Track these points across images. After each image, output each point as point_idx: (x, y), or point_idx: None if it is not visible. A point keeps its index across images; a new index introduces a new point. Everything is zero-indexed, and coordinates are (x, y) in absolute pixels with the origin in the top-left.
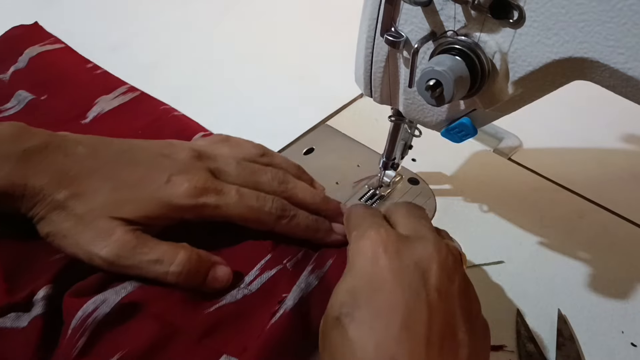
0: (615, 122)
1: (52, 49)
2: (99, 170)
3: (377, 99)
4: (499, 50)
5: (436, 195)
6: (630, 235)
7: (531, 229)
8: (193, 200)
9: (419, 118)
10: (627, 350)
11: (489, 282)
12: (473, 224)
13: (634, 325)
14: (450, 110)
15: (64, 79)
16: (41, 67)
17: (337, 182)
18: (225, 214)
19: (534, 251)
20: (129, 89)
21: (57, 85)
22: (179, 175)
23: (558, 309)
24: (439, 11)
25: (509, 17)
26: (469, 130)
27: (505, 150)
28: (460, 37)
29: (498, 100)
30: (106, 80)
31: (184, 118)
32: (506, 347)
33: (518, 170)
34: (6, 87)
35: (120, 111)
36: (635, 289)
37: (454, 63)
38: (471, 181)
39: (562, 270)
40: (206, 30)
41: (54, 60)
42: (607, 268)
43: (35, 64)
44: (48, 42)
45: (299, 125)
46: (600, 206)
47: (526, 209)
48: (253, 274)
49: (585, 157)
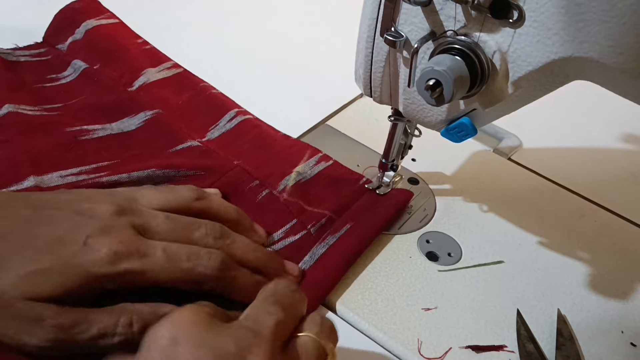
0: (615, 122)
1: (107, 23)
2: (6, 235)
3: (377, 99)
4: (498, 50)
5: (436, 195)
6: (630, 235)
7: (531, 229)
8: (113, 267)
9: (418, 118)
10: (626, 350)
11: (489, 282)
12: (473, 224)
13: (634, 325)
14: (450, 110)
15: (116, 50)
16: (96, 39)
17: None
18: (154, 279)
19: (534, 251)
20: (174, 65)
21: (109, 56)
22: (96, 237)
23: (558, 308)
24: (438, 11)
25: (509, 17)
26: (469, 130)
27: (505, 150)
28: (460, 37)
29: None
30: (153, 54)
31: (220, 95)
32: (506, 347)
33: (518, 170)
34: (64, 57)
35: (164, 83)
36: (635, 289)
37: (454, 63)
38: (471, 181)
39: (562, 270)
40: (206, 30)
41: (108, 33)
42: (607, 268)
43: (90, 36)
44: (104, 17)
45: (299, 125)
46: (600, 206)
47: (526, 209)
48: (278, 236)
49: (585, 157)
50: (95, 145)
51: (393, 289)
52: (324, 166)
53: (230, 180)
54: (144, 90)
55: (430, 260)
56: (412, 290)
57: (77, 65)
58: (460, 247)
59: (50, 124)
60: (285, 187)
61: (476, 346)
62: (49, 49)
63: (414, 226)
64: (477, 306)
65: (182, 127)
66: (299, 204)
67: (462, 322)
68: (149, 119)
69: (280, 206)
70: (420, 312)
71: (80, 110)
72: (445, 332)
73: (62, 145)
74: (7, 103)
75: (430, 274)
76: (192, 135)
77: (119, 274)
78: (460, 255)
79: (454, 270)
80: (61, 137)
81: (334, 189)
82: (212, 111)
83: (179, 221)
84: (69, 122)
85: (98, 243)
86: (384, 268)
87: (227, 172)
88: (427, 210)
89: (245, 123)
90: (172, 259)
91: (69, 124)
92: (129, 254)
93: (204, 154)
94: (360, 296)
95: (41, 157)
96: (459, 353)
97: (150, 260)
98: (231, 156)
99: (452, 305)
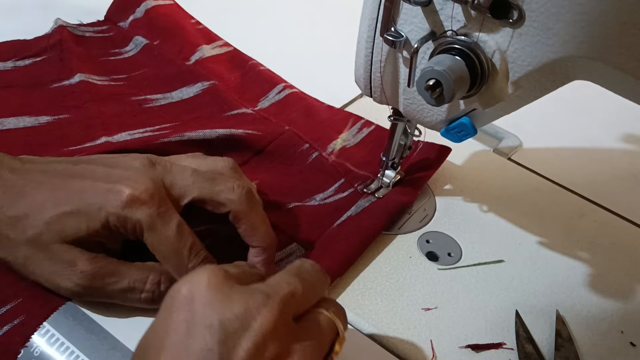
0: (615, 122)
1: (164, 3)
2: (43, 185)
3: (377, 99)
4: (498, 50)
5: (436, 195)
6: (630, 235)
7: (531, 229)
8: (125, 211)
9: (418, 118)
10: (626, 349)
11: (489, 282)
12: (473, 224)
13: (634, 325)
14: (450, 110)
15: (174, 28)
16: (155, 17)
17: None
18: (150, 242)
19: (534, 251)
20: (225, 43)
21: (167, 33)
22: (122, 184)
23: (556, 309)
24: (438, 11)
25: (509, 17)
26: (469, 130)
27: (505, 150)
28: (459, 37)
29: (498, 100)
30: (206, 33)
31: (268, 71)
32: (505, 344)
33: (518, 170)
34: (125, 33)
35: (217, 60)
36: (635, 289)
37: (454, 63)
38: (471, 181)
39: (561, 270)
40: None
41: (166, 12)
42: (607, 268)
43: (150, 14)
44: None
45: None
46: (600, 206)
47: (526, 209)
48: (328, 194)
49: (585, 157)
50: (158, 111)
51: (393, 289)
52: (366, 132)
53: (282, 143)
54: (200, 64)
55: (430, 260)
56: (412, 290)
57: (138, 41)
58: (460, 247)
59: (116, 94)
60: (332, 151)
61: (476, 345)
62: (111, 26)
63: (414, 226)
64: (477, 306)
65: (236, 97)
66: (345, 166)
67: (462, 322)
68: (206, 88)
69: (329, 167)
70: (420, 312)
71: (142, 81)
72: (445, 331)
73: (128, 112)
74: (78, 72)
75: (430, 274)
76: (244, 104)
77: (127, 220)
78: (460, 255)
79: (454, 270)
80: (127, 105)
81: (377, 153)
82: (262, 84)
83: (205, 175)
84: (133, 92)
85: (121, 187)
86: (384, 268)
87: (280, 135)
88: (427, 210)
89: (292, 95)
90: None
91: (133, 94)
92: (146, 204)
93: (256, 120)
94: (360, 296)
95: (110, 121)
96: (458, 352)
97: (161, 224)
98: (282, 122)
99: (452, 305)
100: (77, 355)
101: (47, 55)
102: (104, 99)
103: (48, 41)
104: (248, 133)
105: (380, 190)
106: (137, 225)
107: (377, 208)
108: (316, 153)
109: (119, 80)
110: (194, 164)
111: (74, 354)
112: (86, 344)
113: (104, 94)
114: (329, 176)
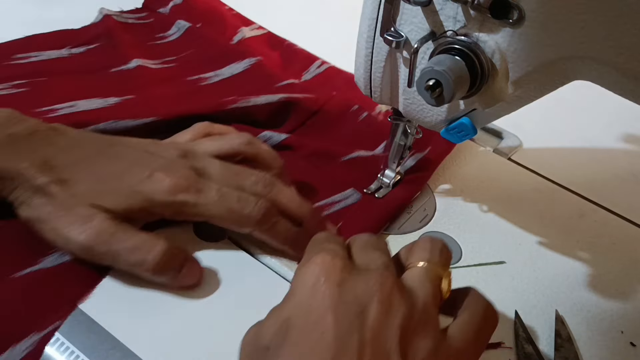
0: (615, 122)
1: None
2: (83, 161)
3: (377, 99)
4: (498, 50)
5: (436, 195)
6: (630, 235)
7: (531, 229)
8: (172, 197)
9: (418, 118)
10: (626, 349)
11: (489, 282)
12: (473, 224)
13: (634, 325)
14: (450, 110)
15: (213, 12)
16: (194, 3)
17: None
18: (204, 213)
19: (534, 251)
20: (260, 27)
21: (208, 17)
22: (161, 172)
23: (555, 309)
24: (438, 11)
25: (509, 17)
26: (469, 130)
27: (505, 150)
28: (459, 37)
29: (498, 100)
30: (241, 18)
31: (304, 50)
32: (504, 343)
33: (518, 170)
34: (166, 18)
35: (257, 40)
36: (635, 289)
37: (454, 63)
38: (471, 181)
39: (561, 270)
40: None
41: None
42: (607, 268)
43: (189, 1)
44: None
45: None
46: (600, 206)
47: (526, 209)
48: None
49: (585, 157)
50: (213, 88)
51: None
52: None
53: (334, 104)
54: (243, 44)
55: None
56: None
57: (181, 24)
58: (460, 247)
59: (172, 76)
60: (380, 112)
61: None
62: (150, 13)
63: (414, 226)
64: None
65: (280, 72)
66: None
67: None
68: (253, 63)
69: (379, 125)
70: None
71: (192, 62)
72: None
73: (187, 92)
74: (134, 58)
75: None
76: (289, 77)
77: (175, 203)
78: (460, 255)
79: (454, 270)
80: (183, 85)
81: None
82: (302, 60)
83: (232, 168)
84: (186, 72)
85: (161, 176)
86: None
87: (330, 99)
88: (427, 210)
89: (331, 69)
90: (223, 198)
91: (187, 74)
92: (187, 188)
93: (305, 88)
94: None
95: (172, 101)
96: None
97: (204, 196)
98: (328, 90)
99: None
100: (77, 355)
101: (99, 43)
102: (163, 80)
103: (97, 30)
104: (304, 96)
105: (380, 190)
106: (183, 205)
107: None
108: (365, 113)
109: (170, 62)
110: (215, 145)
111: (73, 353)
112: (86, 343)
113: (162, 77)
114: (380, 133)
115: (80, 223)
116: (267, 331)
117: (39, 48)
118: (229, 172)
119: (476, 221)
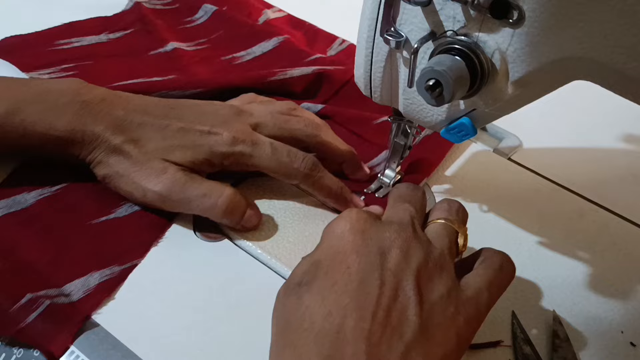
0: (615, 122)
1: None
2: (150, 123)
3: (377, 99)
4: (498, 50)
5: (436, 195)
6: (630, 235)
7: (531, 229)
8: (231, 148)
9: (418, 118)
10: (626, 349)
11: None
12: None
13: (634, 325)
14: (450, 110)
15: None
16: None
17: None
18: (258, 164)
19: (534, 251)
20: (280, 9)
21: (232, 1)
22: (219, 127)
23: (553, 310)
24: (438, 11)
25: (509, 17)
26: (469, 130)
27: (505, 150)
28: (459, 37)
29: (498, 100)
30: (262, 1)
31: (323, 31)
32: (503, 342)
33: (518, 170)
34: (192, 3)
35: (280, 22)
36: (634, 289)
37: (454, 63)
38: (471, 181)
39: (561, 270)
40: None
41: None
42: (607, 268)
43: None
44: None
45: None
46: (600, 206)
47: (526, 209)
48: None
49: (585, 157)
50: (247, 65)
51: None
52: None
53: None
54: (268, 25)
55: None
56: None
57: (207, 8)
58: None
59: (207, 57)
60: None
61: (474, 344)
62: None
63: None
64: None
65: (307, 49)
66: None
67: None
68: (282, 41)
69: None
70: None
71: (223, 42)
72: None
73: (223, 70)
74: (170, 41)
75: None
76: (316, 53)
77: (234, 154)
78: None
79: None
80: (219, 64)
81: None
82: (324, 39)
83: (281, 117)
84: (219, 53)
85: (220, 130)
86: None
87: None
88: None
89: (352, 46)
90: (276, 151)
91: (221, 54)
92: (244, 140)
93: (332, 61)
94: None
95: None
96: None
97: (259, 148)
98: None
99: None
100: (77, 355)
101: (134, 28)
102: (198, 62)
103: (131, 16)
104: (335, 68)
105: (380, 190)
106: (241, 156)
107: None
108: None
109: (203, 44)
110: (266, 109)
111: (73, 353)
112: (86, 344)
113: (197, 58)
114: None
115: (156, 175)
116: (299, 271)
117: (78, 34)
118: (279, 120)
119: (476, 221)
